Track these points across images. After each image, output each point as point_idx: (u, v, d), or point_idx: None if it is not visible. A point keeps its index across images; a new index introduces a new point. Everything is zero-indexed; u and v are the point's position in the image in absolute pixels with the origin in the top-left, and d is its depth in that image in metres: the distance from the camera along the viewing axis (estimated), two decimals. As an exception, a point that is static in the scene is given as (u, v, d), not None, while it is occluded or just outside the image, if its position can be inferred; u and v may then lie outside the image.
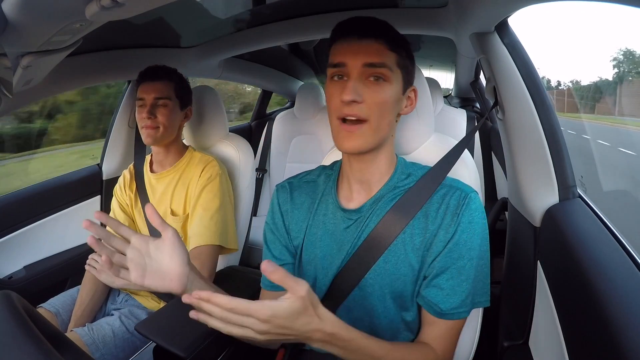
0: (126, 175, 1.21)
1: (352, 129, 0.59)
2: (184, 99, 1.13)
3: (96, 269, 1.01)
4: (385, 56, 0.59)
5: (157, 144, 1.09)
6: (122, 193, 1.19)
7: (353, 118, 0.59)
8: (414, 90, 0.67)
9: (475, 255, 0.61)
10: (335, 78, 0.61)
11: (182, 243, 0.57)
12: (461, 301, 0.61)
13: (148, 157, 1.21)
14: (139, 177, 1.17)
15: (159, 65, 1.10)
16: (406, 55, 0.63)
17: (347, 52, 0.59)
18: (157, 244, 0.56)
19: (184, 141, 1.21)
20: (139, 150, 1.32)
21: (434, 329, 0.63)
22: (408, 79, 0.65)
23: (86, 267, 0.99)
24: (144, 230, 1.15)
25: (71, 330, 0.94)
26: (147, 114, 1.04)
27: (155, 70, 1.08)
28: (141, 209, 1.15)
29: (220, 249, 1.05)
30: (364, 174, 0.67)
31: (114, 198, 1.21)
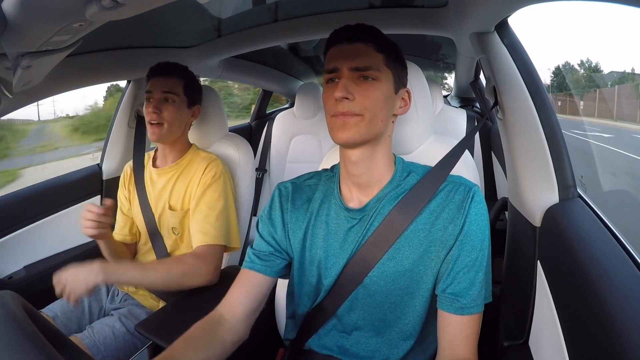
0: (127, 169, 1.23)
1: (346, 118, 0.61)
2: (192, 97, 1.13)
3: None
4: (373, 57, 0.63)
5: (161, 141, 1.09)
6: (122, 187, 1.22)
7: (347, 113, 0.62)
8: (408, 92, 0.70)
9: (485, 246, 0.63)
10: (330, 82, 0.65)
11: None
12: (478, 292, 0.62)
13: (153, 151, 1.21)
14: (137, 174, 1.18)
15: (172, 62, 1.10)
16: (395, 58, 0.66)
17: (338, 57, 0.63)
18: None
19: None
20: (138, 147, 1.32)
21: (456, 329, 0.61)
22: (399, 80, 0.67)
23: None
24: (140, 222, 1.16)
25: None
26: (153, 108, 1.04)
27: (166, 66, 1.09)
28: (138, 204, 1.16)
29: (224, 248, 1.06)
30: (361, 178, 0.67)
31: (119, 188, 1.23)
